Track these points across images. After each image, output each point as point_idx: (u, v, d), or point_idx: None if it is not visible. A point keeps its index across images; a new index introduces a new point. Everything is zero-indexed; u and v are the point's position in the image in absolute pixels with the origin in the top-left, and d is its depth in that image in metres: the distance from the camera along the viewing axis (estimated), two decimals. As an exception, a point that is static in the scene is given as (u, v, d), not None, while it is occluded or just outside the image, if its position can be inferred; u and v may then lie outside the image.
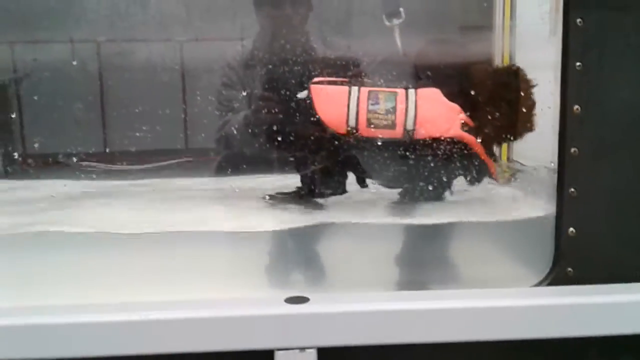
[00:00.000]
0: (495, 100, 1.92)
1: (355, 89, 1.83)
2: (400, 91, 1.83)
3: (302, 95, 1.90)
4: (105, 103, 2.91)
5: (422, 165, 1.87)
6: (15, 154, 2.42)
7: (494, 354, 1.17)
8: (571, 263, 1.21)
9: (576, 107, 1.16)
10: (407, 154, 1.86)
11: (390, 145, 1.85)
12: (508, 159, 2.38)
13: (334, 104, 1.84)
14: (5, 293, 1.22)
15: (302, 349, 1.09)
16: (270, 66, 2.01)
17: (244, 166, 2.03)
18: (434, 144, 1.84)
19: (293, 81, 1.94)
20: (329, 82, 1.89)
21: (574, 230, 1.20)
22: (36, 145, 2.35)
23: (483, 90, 1.99)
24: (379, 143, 1.85)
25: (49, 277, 1.34)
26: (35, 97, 2.35)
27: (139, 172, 2.27)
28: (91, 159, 2.25)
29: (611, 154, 1.18)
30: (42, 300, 1.15)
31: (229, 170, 2.12)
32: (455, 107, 1.87)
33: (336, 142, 1.86)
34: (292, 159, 2.03)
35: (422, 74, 1.96)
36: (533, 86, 1.83)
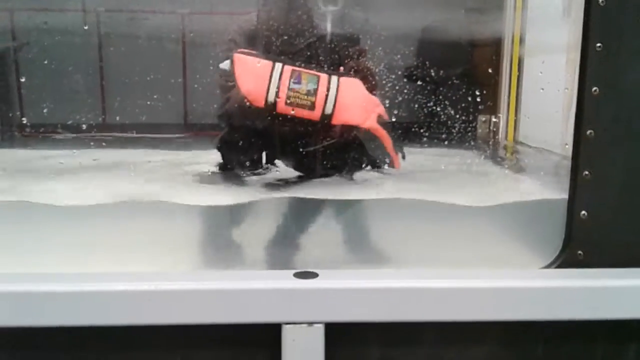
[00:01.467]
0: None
1: (279, 64, 1.83)
2: (323, 76, 1.84)
3: (224, 65, 1.88)
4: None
5: (330, 149, 1.90)
6: None
7: (502, 333, 1.17)
8: (582, 246, 1.20)
9: (595, 88, 1.15)
10: (318, 136, 1.88)
11: (304, 126, 1.85)
12: (514, 140, 2.37)
13: (255, 76, 1.83)
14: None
15: (310, 323, 1.09)
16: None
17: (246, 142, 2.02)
18: (346, 132, 1.86)
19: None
20: (254, 56, 1.88)
21: (585, 214, 1.19)
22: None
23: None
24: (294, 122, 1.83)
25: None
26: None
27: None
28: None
29: (628, 137, 1.17)
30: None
31: (231, 146, 2.10)
32: (374, 99, 1.88)
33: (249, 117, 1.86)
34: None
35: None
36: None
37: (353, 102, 1.85)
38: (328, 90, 1.82)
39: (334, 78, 1.84)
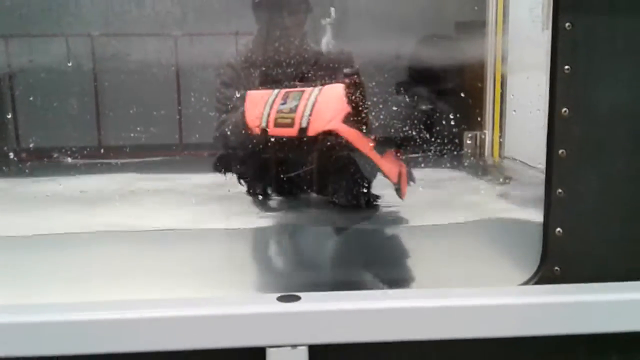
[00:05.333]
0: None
1: (277, 91, 1.84)
2: (309, 89, 1.80)
3: None
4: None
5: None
6: None
7: (482, 351, 1.19)
8: (558, 262, 1.23)
9: (564, 109, 1.18)
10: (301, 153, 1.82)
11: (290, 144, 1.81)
12: (500, 156, 2.40)
13: (256, 106, 1.85)
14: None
15: (294, 346, 1.11)
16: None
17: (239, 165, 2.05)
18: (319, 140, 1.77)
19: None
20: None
21: (560, 230, 1.22)
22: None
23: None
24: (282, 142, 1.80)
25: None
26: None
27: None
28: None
29: (598, 156, 1.20)
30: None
31: (225, 167, 2.13)
32: (343, 100, 1.77)
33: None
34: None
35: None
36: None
37: (324, 109, 1.77)
38: (307, 102, 1.77)
39: (316, 89, 1.79)
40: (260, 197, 1.99)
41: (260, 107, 1.85)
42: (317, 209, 1.95)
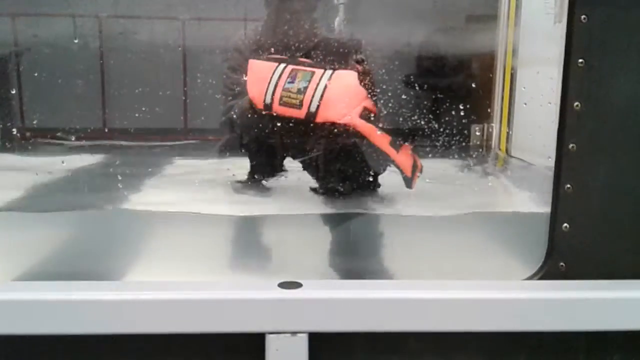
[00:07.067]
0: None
1: (282, 66, 1.81)
2: (318, 71, 1.77)
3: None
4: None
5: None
6: None
7: (484, 344, 1.18)
8: (564, 258, 1.21)
9: (576, 103, 1.16)
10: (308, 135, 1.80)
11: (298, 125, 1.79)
12: (506, 151, 2.38)
13: (260, 79, 1.82)
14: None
15: (294, 333, 1.10)
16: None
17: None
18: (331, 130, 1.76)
19: None
20: (272, 59, 1.86)
21: (567, 226, 1.20)
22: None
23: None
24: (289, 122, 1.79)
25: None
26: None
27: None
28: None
29: (608, 151, 1.18)
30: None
31: (231, 152, 2.13)
32: (361, 92, 1.77)
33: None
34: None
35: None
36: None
37: (337, 97, 1.75)
38: (317, 86, 1.75)
39: (327, 73, 1.77)
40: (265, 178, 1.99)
41: (264, 80, 1.83)
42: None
